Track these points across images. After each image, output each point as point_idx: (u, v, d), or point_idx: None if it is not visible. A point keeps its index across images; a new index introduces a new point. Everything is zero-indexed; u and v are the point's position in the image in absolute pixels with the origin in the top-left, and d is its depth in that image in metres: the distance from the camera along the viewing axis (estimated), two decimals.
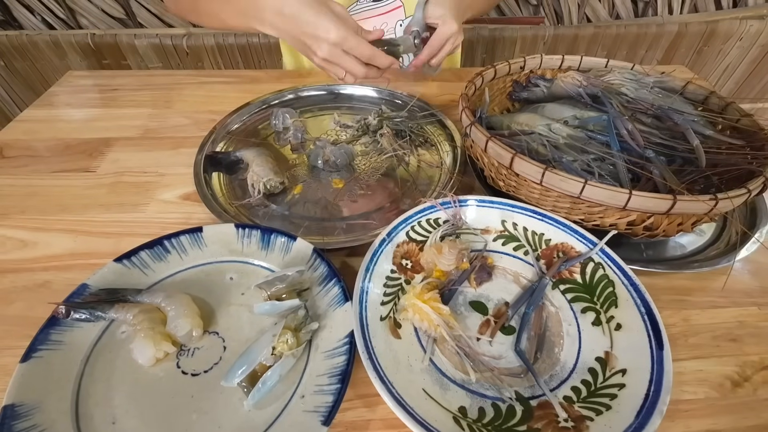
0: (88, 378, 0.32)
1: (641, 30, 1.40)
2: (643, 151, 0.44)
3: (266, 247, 0.41)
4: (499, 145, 0.41)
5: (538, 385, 0.32)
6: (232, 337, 0.36)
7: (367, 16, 0.75)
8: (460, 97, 0.49)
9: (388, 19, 0.76)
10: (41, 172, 0.54)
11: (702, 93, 0.51)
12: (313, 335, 0.35)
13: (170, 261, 0.40)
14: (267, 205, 0.49)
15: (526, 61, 0.58)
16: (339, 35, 0.50)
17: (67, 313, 0.33)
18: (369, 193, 0.51)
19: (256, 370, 0.32)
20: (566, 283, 0.39)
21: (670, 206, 0.35)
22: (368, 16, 0.75)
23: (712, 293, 0.41)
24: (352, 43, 0.51)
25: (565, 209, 0.41)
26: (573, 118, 0.49)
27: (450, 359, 0.34)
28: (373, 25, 0.76)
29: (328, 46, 0.51)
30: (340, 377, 0.31)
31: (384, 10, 0.75)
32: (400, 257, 0.40)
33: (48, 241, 0.45)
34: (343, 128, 0.62)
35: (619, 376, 0.31)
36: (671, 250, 0.45)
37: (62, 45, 1.29)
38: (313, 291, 0.38)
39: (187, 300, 0.36)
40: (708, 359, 0.36)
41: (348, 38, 0.50)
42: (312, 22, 0.50)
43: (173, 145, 0.59)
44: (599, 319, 0.36)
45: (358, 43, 0.51)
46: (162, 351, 0.33)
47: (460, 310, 0.38)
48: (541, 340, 0.35)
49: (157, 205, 0.50)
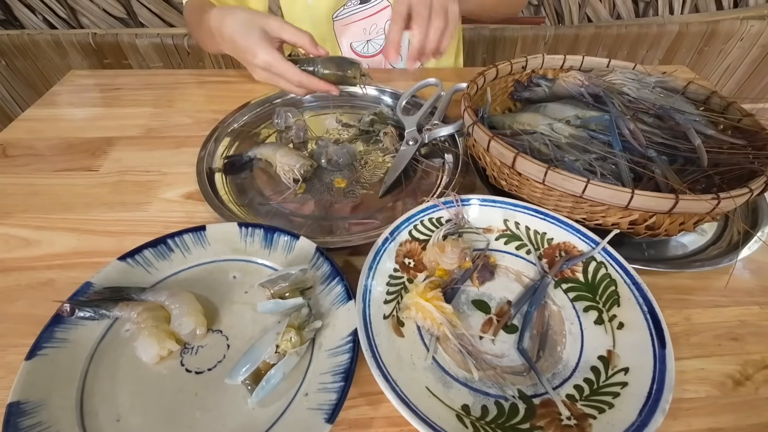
0: (92, 375, 0.32)
1: (642, 30, 1.40)
2: (645, 151, 0.44)
3: (269, 245, 0.41)
4: (501, 145, 0.41)
5: (540, 383, 0.32)
6: (235, 335, 0.36)
7: (356, 19, 0.75)
8: (463, 97, 0.49)
9: (377, 20, 0.76)
10: (44, 171, 0.54)
11: (703, 93, 0.51)
12: (316, 333, 0.35)
13: (174, 259, 0.40)
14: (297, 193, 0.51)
15: (528, 60, 0.58)
16: (265, 60, 0.53)
17: (71, 311, 0.33)
18: (371, 192, 0.52)
19: (259, 368, 0.32)
20: (568, 282, 0.39)
21: (673, 205, 0.35)
22: (357, 18, 0.75)
23: (713, 292, 0.41)
24: (280, 69, 0.53)
25: (568, 208, 0.41)
26: (575, 117, 0.49)
27: (453, 357, 0.34)
28: (363, 27, 0.76)
29: (259, 69, 0.54)
30: (343, 375, 0.31)
31: (372, 11, 0.75)
32: (403, 256, 0.40)
33: (51, 239, 0.45)
34: (345, 127, 0.62)
35: (621, 375, 0.31)
36: (673, 249, 0.45)
37: (63, 44, 1.29)
38: (316, 289, 0.38)
39: (190, 298, 0.36)
40: (710, 358, 0.36)
41: (273, 64, 0.53)
42: (242, 46, 0.54)
43: (175, 144, 0.59)
44: (601, 318, 0.36)
45: (286, 69, 0.53)
46: (166, 349, 0.33)
47: (462, 309, 0.38)
48: (544, 338, 0.35)
49: (160, 203, 0.50)
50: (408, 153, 0.54)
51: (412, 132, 0.57)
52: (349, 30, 0.77)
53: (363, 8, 0.74)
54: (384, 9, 0.75)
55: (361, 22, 0.75)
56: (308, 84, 0.55)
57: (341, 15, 0.74)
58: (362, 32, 0.77)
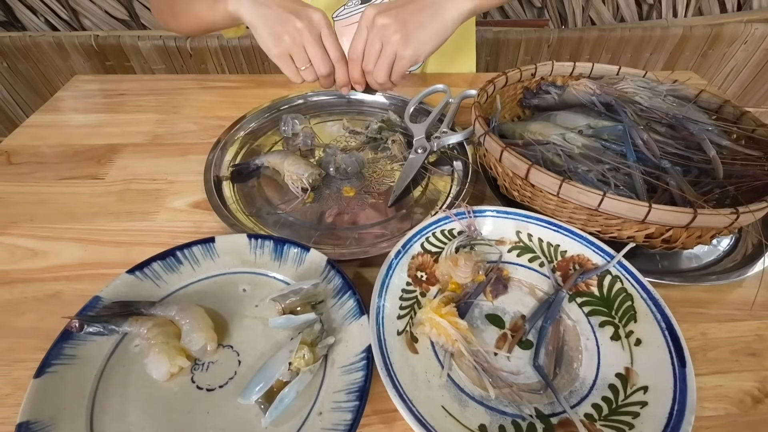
0: (102, 393, 0.32)
1: (646, 33, 1.39)
2: (659, 162, 0.43)
3: (279, 258, 0.41)
4: (514, 156, 0.40)
5: (558, 402, 0.31)
6: (246, 351, 0.35)
7: (356, 20, 0.74)
8: (473, 106, 0.48)
9: None
10: (49, 179, 0.54)
11: (716, 102, 0.51)
12: (329, 350, 0.35)
13: (183, 272, 0.39)
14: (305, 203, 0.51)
15: (537, 67, 0.58)
16: (322, 19, 0.50)
17: (80, 327, 0.33)
18: (380, 201, 0.51)
19: (273, 387, 0.31)
20: (583, 295, 0.39)
21: (691, 220, 0.34)
22: (357, 20, 0.74)
23: (729, 306, 0.41)
24: (330, 36, 0.51)
25: (582, 221, 0.40)
26: (587, 127, 0.48)
27: (468, 374, 0.33)
28: None
29: (308, 24, 0.50)
30: (358, 394, 0.30)
31: None
32: (416, 269, 0.39)
33: (58, 250, 0.45)
34: (353, 134, 0.62)
35: (640, 394, 0.31)
36: (686, 261, 0.45)
37: (65, 46, 1.28)
38: (328, 303, 0.38)
39: (201, 313, 0.35)
40: (727, 374, 0.36)
41: (328, 28, 0.50)
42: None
43: (182, 151, 0.58)
44: (618, 334, 0.35)
45: (335, 40, 0.51)
46: (177, 366, 0.33)
47: (476, 324, 0.37)
48: (560, 354, 0.35)
49: (167, 213, 0.49)
50: (417, 161, 0.54)
51: (420, 140, 0.56)
52: (349, 30, 0.75)
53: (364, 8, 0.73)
54: None
55: None
56: (341, 69, 0.53)
57: (341, 15, 0.73)
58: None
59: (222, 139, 0.58)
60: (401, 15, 0.50)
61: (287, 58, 0.52)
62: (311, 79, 0.53)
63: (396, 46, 0.50)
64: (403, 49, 0.51)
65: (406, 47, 0.50)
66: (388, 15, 0.49)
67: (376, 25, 0.50)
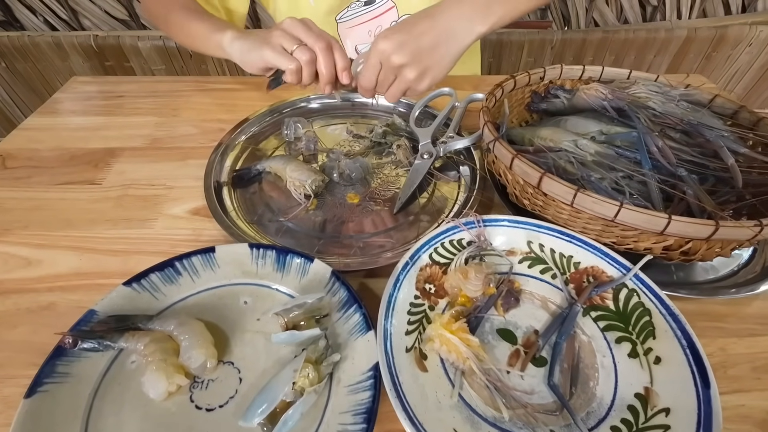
0: (96, 413, 0.30)
1: (650, 35, 1.38)
2: (675, 170, 0.42)
3: (282, 268, 0.39)
4: (526, 164, 0.39)
5: (575, 424, 0.30)
6: (247, 368, 0.34)
7: (361, 21, 0.73)
8: (482, 111, 0.47)
9: (382, 22, 0.73)
10: (45, 184, 0.52)
11: (731, 107, 0.50)
12: (334, 367, 0.33)
13: (182, 284, 0.38)
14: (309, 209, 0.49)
15: (546, 71, 0.56)
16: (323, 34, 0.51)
17: (74, 343, 0.31)
18: (385, 208, 0.50)
19: (276, 408, 0.30)
20: (598, 309, 0.37)
21: (712, 232, 0.33)
22: (361, 20, 0.73)
23: (748, 320, 0.39)
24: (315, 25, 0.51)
25: (596, 231, 0.39)
26: (599, 133, 0.47)
27: (479, 394, 0.32)
28: (368, 29, 0.74)
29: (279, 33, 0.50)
30: (365, 416, 0.29)
31: (377, 12, 0.73)
32: (424, 281, 0.38)
33: (53, 259, 0.43)
34: (356, 139, 0.60)
35: (662, 416, 0.29)
36: (702, 273, 0.43)
37: (65, 46, 1.26)
38: (333, 317, 0.36)
39: (200, 328, 0.34)
40: (749, 393, 0.34)
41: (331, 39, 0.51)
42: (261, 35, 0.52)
43: (181, 156, 0.57)
44: (636, 351, 0.34)
45: (339, 48, 0.51)
46: (175, 384, 0.31)
47: (487, 339, 0.36)
48: (575, 372, 0.33)
49: (166, 220, 0.48)
50: (423, 167, 0.52)
51: (426, 145, 0.55)
52: (353, 32, 0.75)
53: (367, 10, 0.72)
54: (389, 10, 0.72)
55: (365, 24, 0.73)
56: (346, 76, 0.51)
57: (345, 17, 0.72)
58: (367, 34, 0.75)
59: (222, 143, 0.57)
60: (417, 53, 0.48)
61: (277, 48, 0.50)
62: (305, 59, 0.50)
63: (411, 83, 0.50)
64: (418, 84, 0.50)
65: (421, 82, 0.50)
66: (403, 53, 0.47)
67: (391, 63, 0.48)
